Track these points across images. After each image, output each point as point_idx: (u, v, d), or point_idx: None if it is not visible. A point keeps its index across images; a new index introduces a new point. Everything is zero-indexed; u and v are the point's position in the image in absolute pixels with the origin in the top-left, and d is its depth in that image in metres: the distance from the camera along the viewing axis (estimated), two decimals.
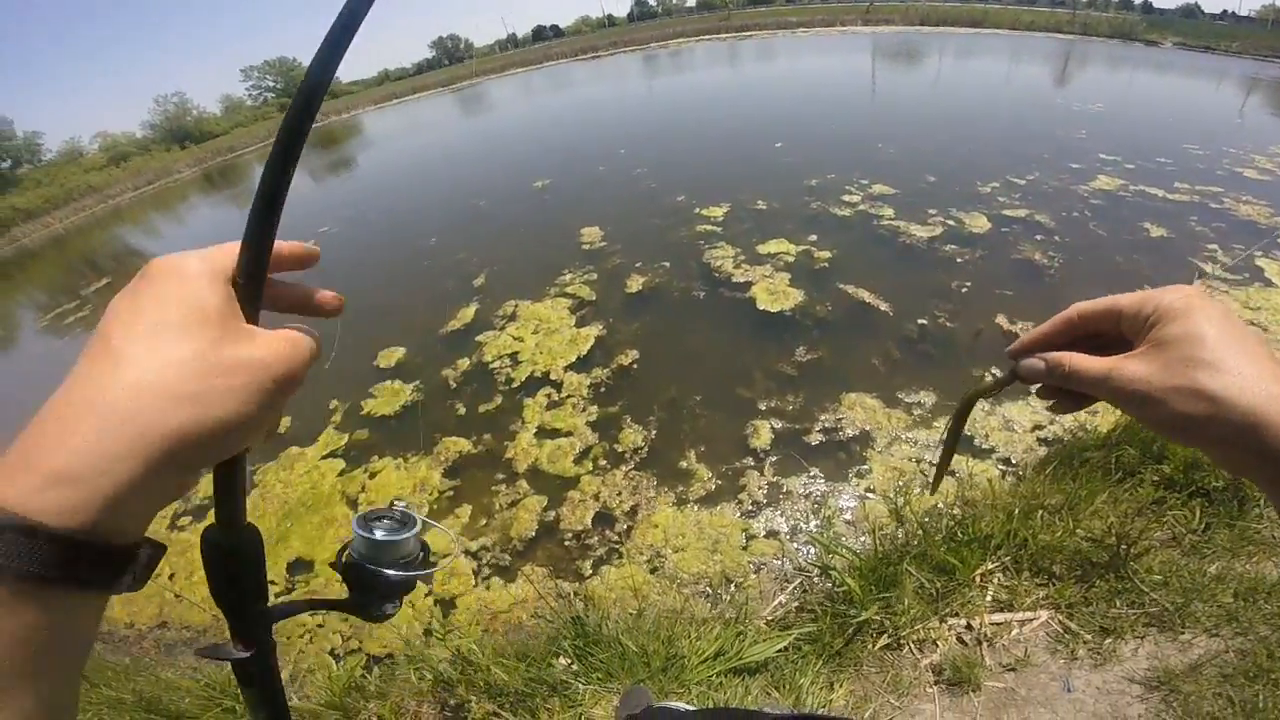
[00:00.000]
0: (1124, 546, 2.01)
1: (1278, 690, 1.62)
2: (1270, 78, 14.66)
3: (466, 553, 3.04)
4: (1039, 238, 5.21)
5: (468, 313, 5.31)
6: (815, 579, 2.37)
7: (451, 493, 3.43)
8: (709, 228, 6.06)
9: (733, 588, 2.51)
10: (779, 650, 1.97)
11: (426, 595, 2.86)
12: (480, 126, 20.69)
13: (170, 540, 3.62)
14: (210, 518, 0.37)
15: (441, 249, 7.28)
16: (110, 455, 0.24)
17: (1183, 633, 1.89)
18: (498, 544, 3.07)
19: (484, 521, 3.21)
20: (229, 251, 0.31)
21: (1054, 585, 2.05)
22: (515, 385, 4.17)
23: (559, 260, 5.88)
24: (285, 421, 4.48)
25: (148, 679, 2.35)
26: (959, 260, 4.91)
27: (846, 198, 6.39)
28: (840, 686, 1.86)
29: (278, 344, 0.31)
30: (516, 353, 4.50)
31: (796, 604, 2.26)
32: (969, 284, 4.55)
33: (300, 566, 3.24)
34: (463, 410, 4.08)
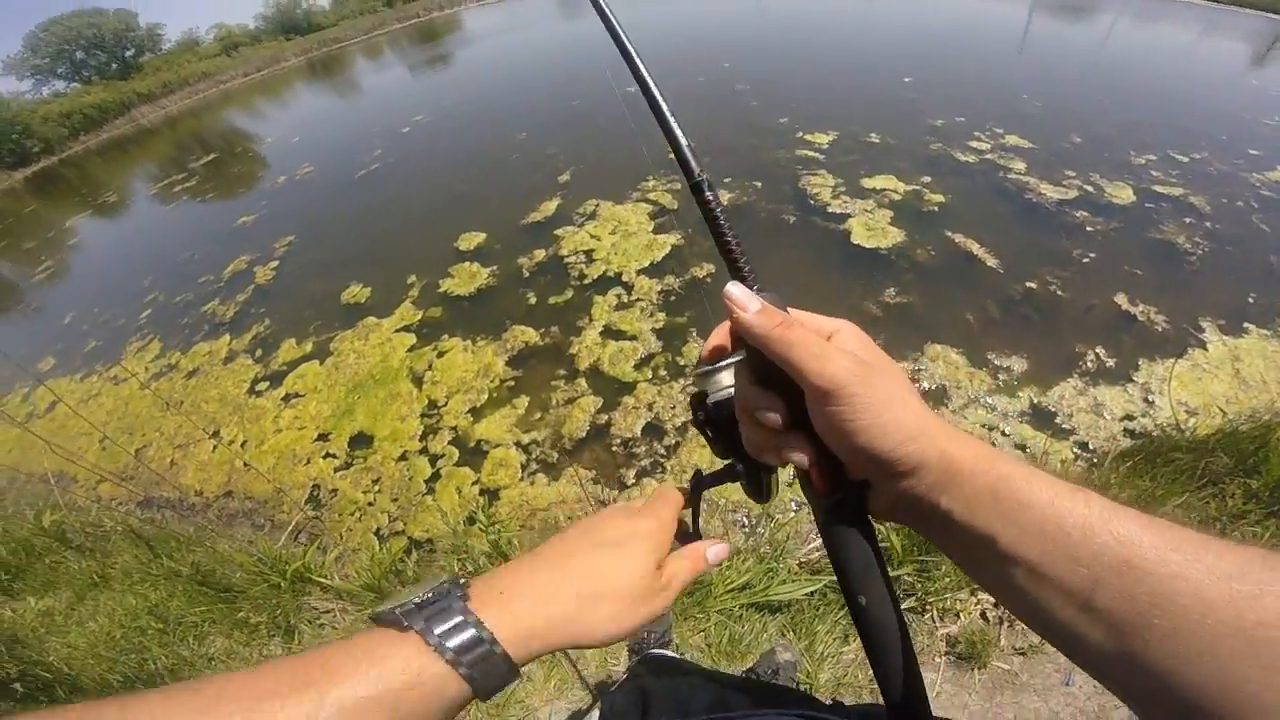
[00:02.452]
0: None
1: None
2: None
3: (517, 445, 3.14)
4: (1188, 220, 4.54)
5: (549, 206, 5.27)
6: None
7: (513, 382, 3.52)
8: (810, 154, 5.63)
9: (771, 523, 2.48)
10: (805, 594, 1.94)
11: (473, 484, 2.99)
12: (579, 30, 19.71)
13: (249, 406, 3.91)
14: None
15: (531, 144, 7.17)
16: (551, 644, 0.36)
17: None
18: (548, 440, 3.14)
19: (539, 415, 3.29)
20: (667, 530, 0.44)
21: None
22: (587, 282, 4.16)
23: (644, 166, 5.66)
24: (365, 291, 4.71)
25: (206, 551, 2.40)
26: (1089, 229, 4.37)
27: (974, 144, 5.73)
28: (854, 640, 1.85)
29: (673, 586, 0.42)
30: (592, 250, 4.46)
31: (819, 554, 2.17)
32: (1093, 255, 4.07)
33: (361, 441, 3.39)
34: (534, 300, 4.13)
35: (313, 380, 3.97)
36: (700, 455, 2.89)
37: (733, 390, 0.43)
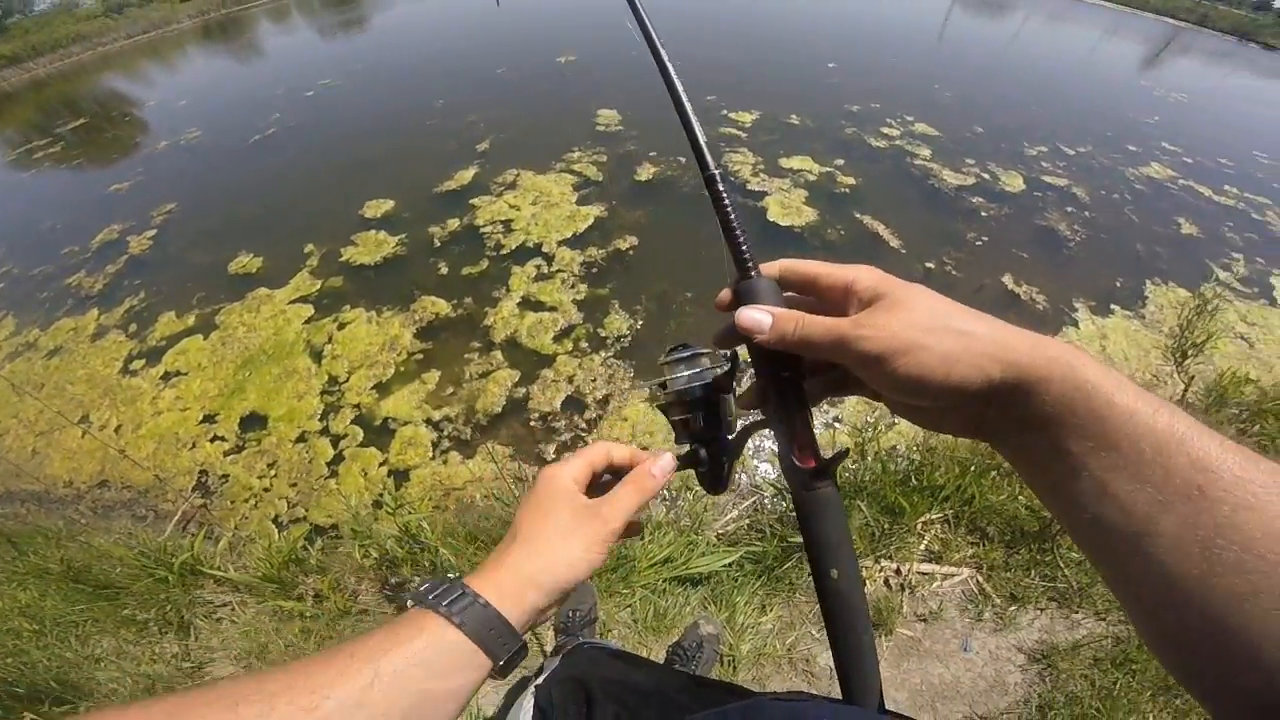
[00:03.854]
0: (1052, 520, 2.02)
1: (1133, 681, 1.69)
2: None
3: (428, 422, 2.98)
4: (1069, 209, 4.99)
5: (466, 175, 5.02)
6: (769, 499, 2.37)
7: (422, 356, 3.35)
8: (734, 131, 5.68)
9: (690, 496, 2.50)
10: (724, 565, 1.99)
11: (381, 464, 2.82)
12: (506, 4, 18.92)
13: (122, 387, 3.49)
14: None
15: (449, 111, 6.78)
16: (541, 606, 0.42)
17: (1076, 612, 1.96)
18: (461, 416, 3.01)
19: (451, 390, 3.14)
20: (576, 465, 0.48)
21: (984, 545, 2.09)
22: (505, 252, 4.01)
23: (570, 137, 5.52)
24: (256, 260, 4.32)
25: (79, 546, 2.23)
26: (983, 214, 4.71)
27: (885, 130, 5.99)
28: (771, 610, 1.91)
29: (614, 511, 0.45)
30: (511, 220, 4.30)
31: (748, 521, 2.27)
32: (985, 238, 4.39)
33: (254, 422, 3.12)
34: (446, 270, 3.93)
35: (196, 356, 3.60)
36: (620, 428, 2.88)
37: (694, 382, 0.44)
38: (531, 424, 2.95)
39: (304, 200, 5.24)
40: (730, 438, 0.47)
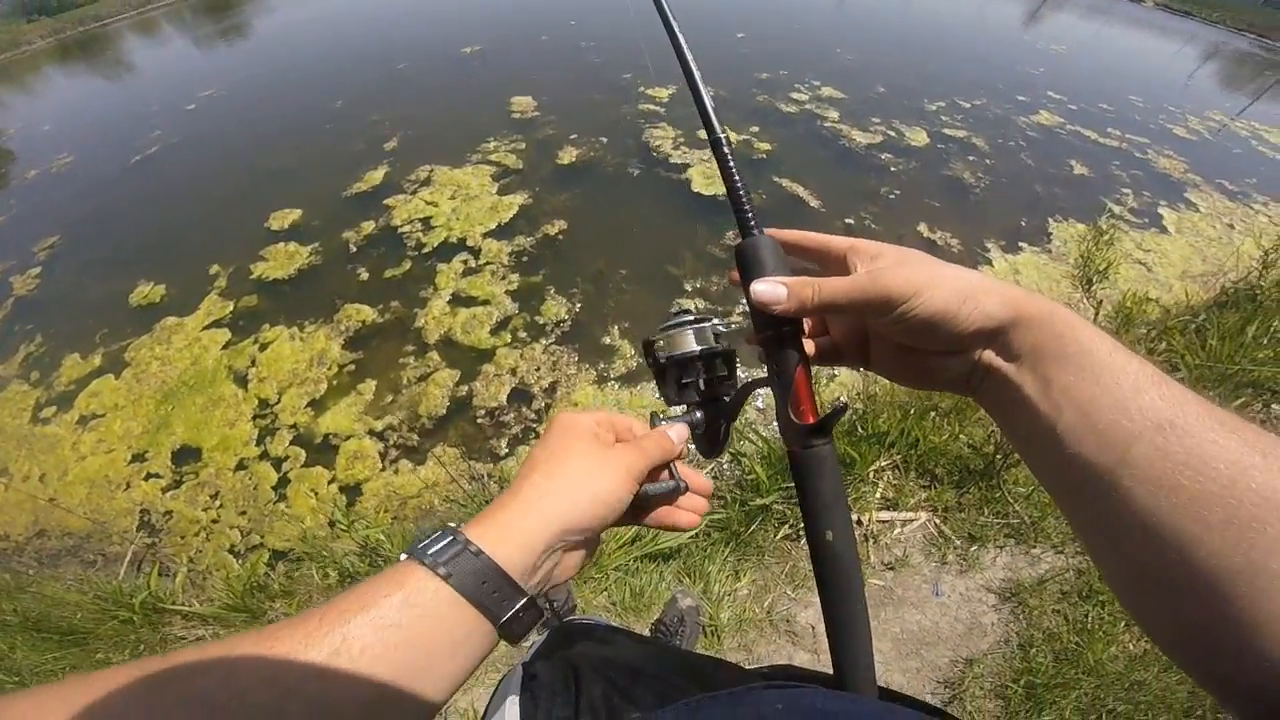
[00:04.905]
0: (999, 456, 2.06)
1: (1104, 611, 1.74)
2: (1232, 50, 15.18)
3: (371, 433, 2.86)
4: (971, 159, 5.30)
5: (375, 176, 4.78)
6: (726, 465, 2.38)
7: (353, 366, 3.19)
8: (653, 108, 5.67)
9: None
10: (690, 537, 1.99)
11: (330, 483, 2.70)
12: None
13: (37, 436, 3.21)
14: None
15: (349, 112, 6.41)
16: (557, 550, 0.38)
17: (1034, 547, 1.99)
18: (405, 423, 2.90)
19: (390, 398, 3.02)
20: (594, 413, 0.44)
21: (935, 488, 2.12)
22: (427, 250, 3.86)
23: (484, 128, 5.34)
24: (158, 289, 3.98)
25: (31, 597, 2.15)
26: (892, 169, 4.93)
27: (795, 95, 6.15)
28: (744, 575, 1.92)
29: (639, 451, 0.42)
30: (430, 217, 4.13)
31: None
32: (898, 192, 4.60)
33: (187, 455, 2.94)
34: (366, 275, 3.75)
35: (111, 397, 3.31)
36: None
37: (694, 344, 0.44)
38: (479, 421, 2.87)
39: (201, 219, 4.85)
40: (727, 399, 0.46)
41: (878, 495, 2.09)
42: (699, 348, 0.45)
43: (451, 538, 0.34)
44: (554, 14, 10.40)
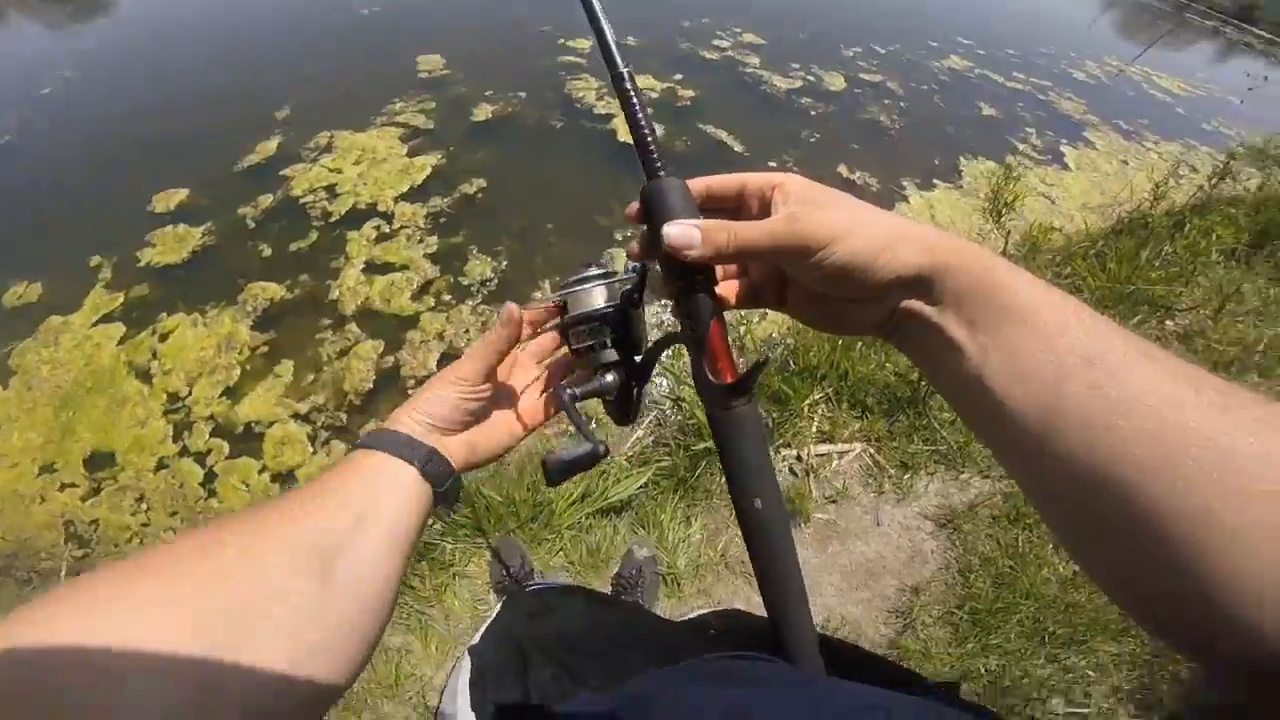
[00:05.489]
0: (923, 383, 2.08)
1: (1032, 535, 1.80)
2: (1131, 0, 16.01)
3: (296, 417, 2.68)
4: (886, 102, 5.45)
5: (268, 146, 4.36)
6: (669, 412, 2.36)
7: (266, 348, 2.96)
8: (574, 59, 5.46)
9: (594, 424, 2.49)
10: (640, 487, 1.97)
11: (261, 472, 2.53)
12: None
13: None
14: None
15: (233, 81, 5.79)
16: (417, 420, 0.47)
17: (963, 472, 2.03)
18: (331, 402, 2.73)
19: (311, 378, 2.82)
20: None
21: (867, 418, 2.16)
22: (334, 219, 3.58)
23: (388, 89, 4.96)
24: (34, 288, 3.53)
25: None
26: (812, 113, 5.00)
27: (717, 43, 6.09)
28: (695, 520, 1.92)
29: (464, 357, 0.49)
30: (334, 185, 3.82)
31: (653, 438, 2.25)
32: (818, 135, 4.68)
33: (100, 461, 2.69)
34: (269, 251, 3.45)
35: (2, 409, 2.97)
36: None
37: (597, 301, 0.43)
38: (410, 391, 2.74)
39: (73, 208, 4.30)
40: (638, 359, 0.43)
41: (814, 429, 2.13)
42: (604, 305, 0.42)
43: (372, 431, 0.45)
44: None
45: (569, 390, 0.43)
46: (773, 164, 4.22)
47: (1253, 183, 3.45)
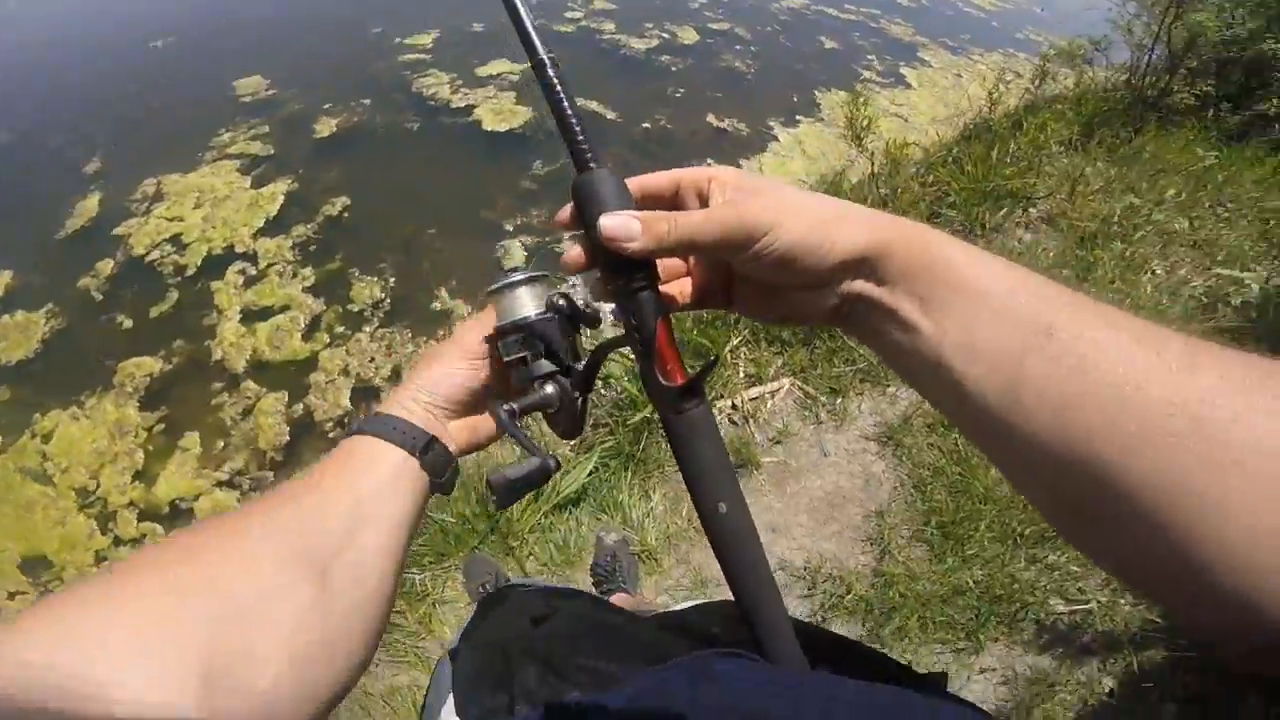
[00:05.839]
0: None
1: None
2: None
3: (220, 485, 2.52)
4: (738, 48, 5.62)
5: (89, 205, 3.82)
6: (602, 390, 2.29)
7: (162, 425, 2.71)
8: (416, 56, 5.14)
9: (528, 423, 2.39)
10: (589, 474, 1.91)
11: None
12: None
13: None
14: None
15: (23, 143, 4.99)
16: (417, 402, 0.43)
17: (889, 386, 2.02)
18: (251, 462, 2.56)
19: (222, 444, 2.63)
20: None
21: (786, 352, 2.14)
22: (191, 272, 3.23)
23: (209, 121, 4.46)
24: None
25: None
26: (673, 69, 5.06)
27: (569, 13, 5.97)
28: (654, 493, 1.88)
29: (454, 338, 0.47)
30: (178, 235, 3.42)
31: (590, 421, 2.17)
32: (683, 90, 4.76)
33: (35, 565, 2.48)
34: (129, 323, 3.08)
35: None
36: None
37: (530, 309, 0.40)
38: (330, 435, 2.60)
39: None
40: (580, 368, 0.40)
41: (741, 375, 2.12)
42: (533, 312, 0.39)
43: (368, 415, 0.43)
44: None
45: (505, 407, 0.40)
46: (646, 125, 4.24)
47: (1069, 81, 3.91)
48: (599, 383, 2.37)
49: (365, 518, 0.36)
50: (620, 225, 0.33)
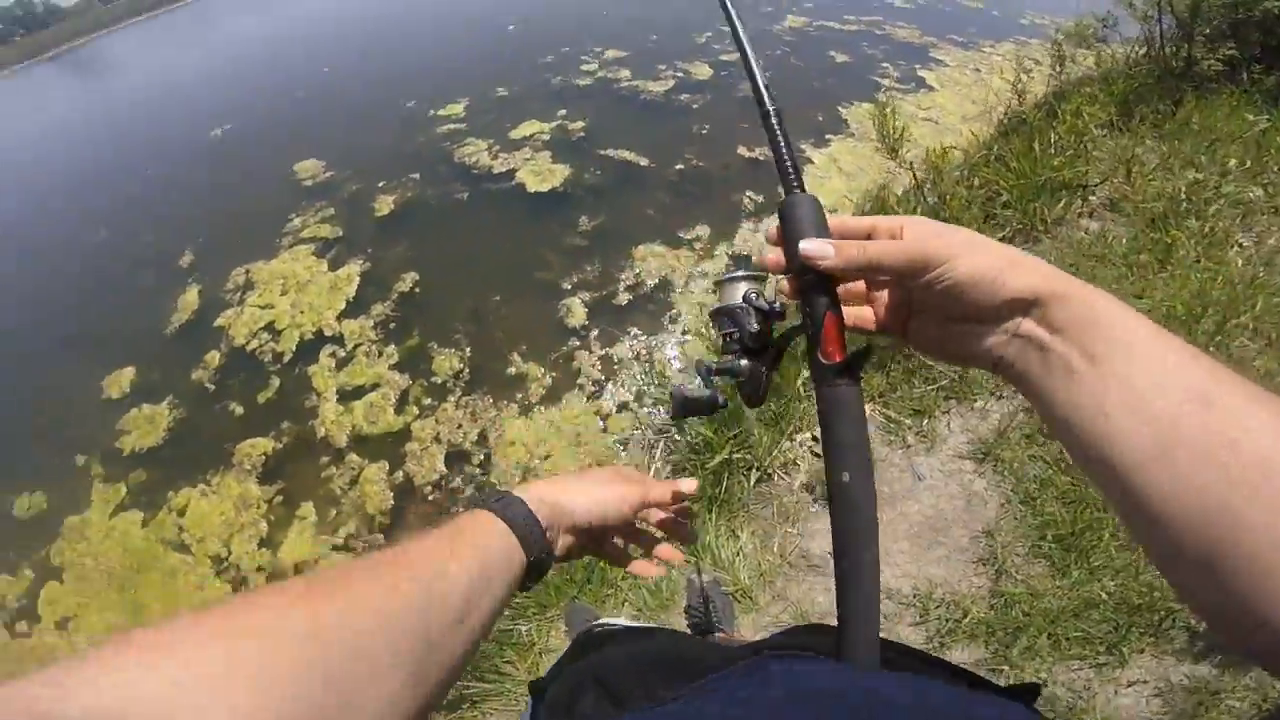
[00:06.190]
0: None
1: None
2: None
3: (336, 549, 2.73)
4: None
5: (189, 299, 4.22)
6: (676, 436, 2.36)
7: (280, 498, 2.98)
8: (452, 127, 5.48)
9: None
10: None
11: None
12: (109, 92, 15.53)
13: (25, 650, 2.99)
14: None
15: (119, 240, 5.55)
16: (558, 525, 0.50)
17: (975, 400, 1.95)
18: (362, 527, 2.77)
19: (334, 512, 2.86)
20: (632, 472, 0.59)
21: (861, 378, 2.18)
22: (288, 358, 3.53)
23: (278, 206, 4.87)
24: (39, 498, 3.45)
25: None
26: (694, 107, 5.22)
27: (585, 67, 6.24)
28: (742, 531, 1.87)
29: (648, 485, 0.57)
30: (272, 322, 3.74)
31: (669, 467, 2.25)
32: (708, 126, 4.89)
33: None
34: (241, 409, 3.39)
35: (69, 600, 2.99)
36: (513, 452, 2.81)
37: (738, 296, 0.48)
38: (430, 498, 2.79)
39: (28, 412, 4.16)
40: (770, 349, 0.49)
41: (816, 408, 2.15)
42: (739, 302, 0.48)
43: (507, 493, 0.47)
44: (298, 69, 9.50)
45: (705, 363, 0.49)
46: (679, 166, 4.39)
47: (1088, 61, 3.82)
48: (673, 428, 2.46)
49: (472, 610, 0.39)
50: (817, 248, 0.40)
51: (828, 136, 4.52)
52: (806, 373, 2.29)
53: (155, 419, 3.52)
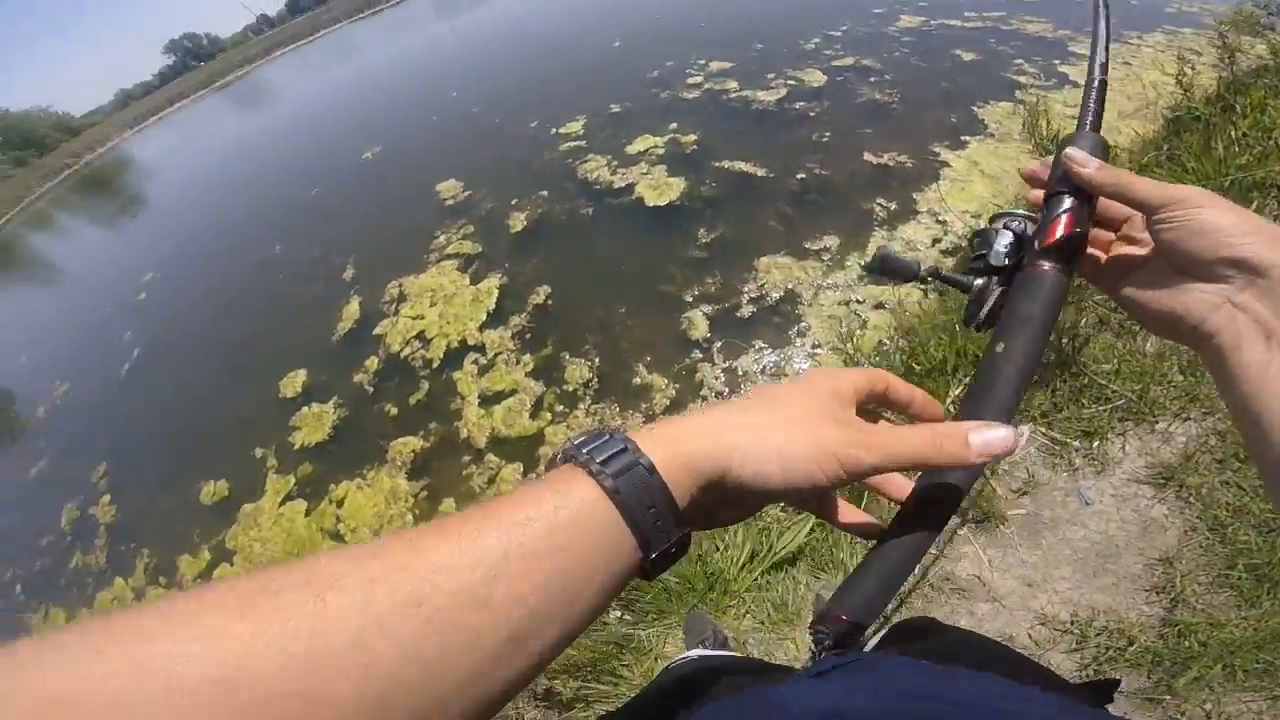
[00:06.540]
0: (1064, 340, 1.95)
1: None
2: None
3: None
4: (872, 79, 5.44)
5: (351, 310, 4.79)
6: None
7: (425, 492, 3.26)
8: (573, 144, 5.78)
9: None
10: (807, 534, 1.89)
11: None
12: (272, 117, 18.00)
13: None
14: None
15: (291, 255, 6.42)
16: (702, 458, 0.32)
17: (1156, 421, 1.84)
18: None
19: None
20: (855, 373, 0.39)
21: (1024, 396, 2.03)
22: (436, 364, 3.90)
23: (425, 224, 5.39)
24: (222, 485, 4.04)
25: None
26: (811, 114, 5.09)
27: (691, 80, 6.33)
28: None
29: (885, 440, 0.34)
30: (422, 331, 4.16)
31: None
32: (828, 133, 4.74)
33: None
34: (395, 410, 3.77)
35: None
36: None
37: (1000, 223, 0.48)
38: None
39: (217, 407, 4.86)
40: (1007, 272, 0.48)
41: None
42: (994, 226, 0.49)
43: (622, 445, 0.30)
44: (428, 95, 10.46)
45: (929, 267, 0.52)
46: (801, 176, 4.31)
47: (1259, 49, 3.33)
48: None
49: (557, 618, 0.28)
50: (1082, 156, 0.42)
51: (964, 138, 4.22)
52: (954, 389, 2.24)
53: (322, 417, 4.02)
